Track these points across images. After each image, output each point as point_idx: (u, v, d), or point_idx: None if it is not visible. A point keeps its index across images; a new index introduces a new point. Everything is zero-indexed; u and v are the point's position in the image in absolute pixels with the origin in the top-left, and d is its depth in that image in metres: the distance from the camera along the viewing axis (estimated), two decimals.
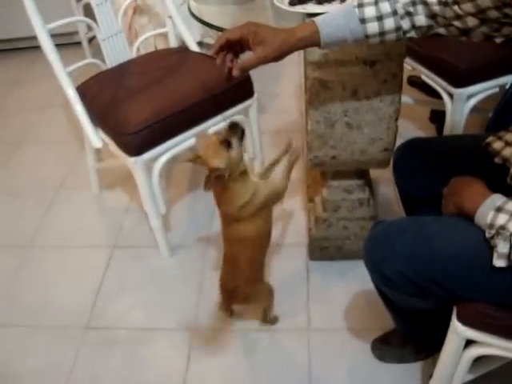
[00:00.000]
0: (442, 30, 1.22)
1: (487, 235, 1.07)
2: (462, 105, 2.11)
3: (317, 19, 1.22)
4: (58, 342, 1.88)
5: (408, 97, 2.46)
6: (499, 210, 1.05)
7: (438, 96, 2.29)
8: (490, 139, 1.38)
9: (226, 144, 1.37)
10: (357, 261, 1.94)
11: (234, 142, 1.39)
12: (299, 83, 3.13)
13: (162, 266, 2.11)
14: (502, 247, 1.04)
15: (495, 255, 1.05)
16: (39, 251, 2.26)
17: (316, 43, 1.24)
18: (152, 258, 2.15)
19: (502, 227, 1.03)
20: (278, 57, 1.25)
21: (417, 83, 2.75)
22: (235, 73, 1.27)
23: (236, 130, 1.40)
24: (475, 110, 2.17)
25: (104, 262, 2.16)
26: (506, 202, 1.06)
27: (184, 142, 1.91)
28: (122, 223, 2.34)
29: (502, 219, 1.04)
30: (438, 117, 2.59)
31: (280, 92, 3.14)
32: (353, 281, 1.93)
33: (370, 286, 1.48)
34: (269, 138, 2.61)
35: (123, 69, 2.13)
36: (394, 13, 1.19)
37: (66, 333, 1.91)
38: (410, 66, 2.25)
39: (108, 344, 1.85)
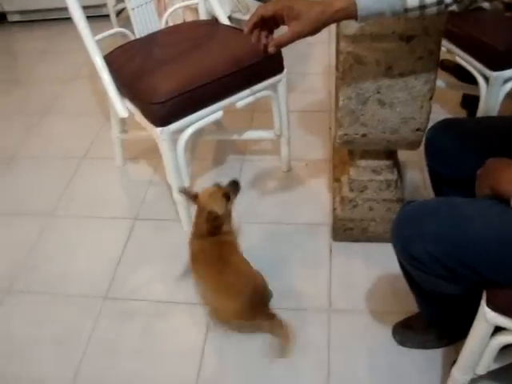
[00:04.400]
0: (485, 5, 1.18)
1: None
2: (498, 89, 2.04)
3: None
4: (77, 311, 1.88)
5: (441, 80, 2.40)
6: None
7: (470, 81, 2.24)
8: None
9: (227, 197, 1.69)
10: (381, 243, 1.92)
11: (233, 196, 1.72)
12: (328, 63, 3.08)
13: (183, 239, 2.07)
14: None
15: None
16: (61, 220, 2.26)
17: (353, 16, 1.19)
18: (173, 232, 2.13)
19: None
20: (315, 30, 1.21)
21: (449, 67, 2.69)
22: (271, 49, 1.24)
23: (237, 188, 1.74)
24: (509, 95, 2.11)
25: (125, 233, 2.15)
26: None
27: (211, 114, 1.88)
28: (145, 195, 2.32)
29: None
30: (469, 102, 2.53)
31: (309, 71, 3.09)
32: (376, 263, 1.90)
33: (394, 269, 1.45)
34: (296, 117, 2.58)
35: (152, 39, 2.09)
36: None
37: (84, 302, 1.91)
38: (445, 47, 2.18)
39: (126, 315, 1.85)
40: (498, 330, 1.23)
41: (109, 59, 1.93)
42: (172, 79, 1.79)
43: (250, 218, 2.16)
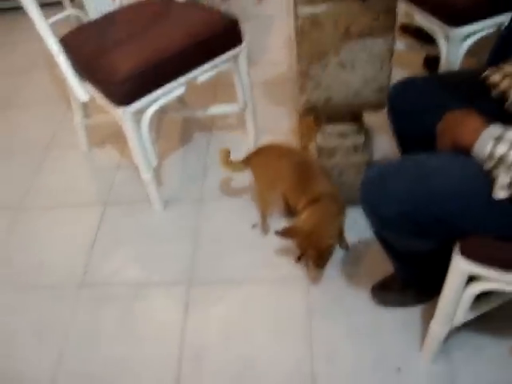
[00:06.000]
0: None
1: (487, 166, 1.03)
2: (458, 46, 2.04)
3: None
4: (53, 301, 1.85)
5: (401, 43, 2.41)
6: (499, 139, 1.01)
7: (431, 42, 2.24)
8: (488, 72, 1.33)
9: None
10: (353, 208, 1.91)
11: None
12: (289, 35, 3.05)
13: (156, 220, 2.08)
14: (502, 178, 1.00)
15: (496, 186, 1.02)
16: (30, 212, 2.22)
17: None
18: (145, 213, 2.11)
19: (503, 156, 0.99)
20: None
21: (409, 30, 2.69)
22: None
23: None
24: (470, 53, 2.11)
25: (96, 219, 2.13)
26: (506, 131, 1.02)
27: (173, 91, 1.85)
28: (113, 180, 2.30)
29: (502, 149, 1.00)
30: (431, 63, 2.54)
31: (270, 44, 3.06)
32: (349, 227, 1.89)
33: (367, 232, 1.47)
34: (259, 90, 2.56)
35: (107, 19, 2.05)
36: None
37: (60, 292, 1.88)
38: (403, 7, 2.18)
39: (104, 301, 1.83)
40: (471, 279, 1.25)
41: (64, 42, 1.88)
42: (130, 58, 1.76)
43: (219, 193, 2.16)
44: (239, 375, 1.58)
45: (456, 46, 2.05)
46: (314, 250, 1.62)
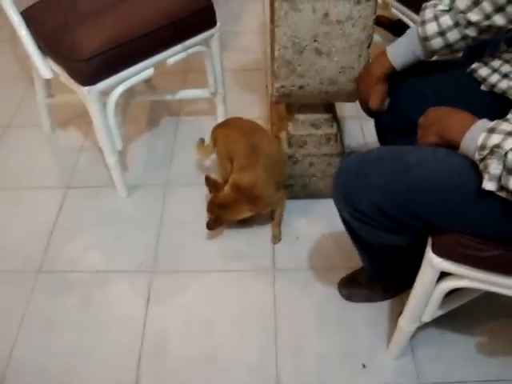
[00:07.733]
0: None
1: (477, 157, 0.99)
2: None
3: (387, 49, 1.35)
4: (8, 287, 1.77)
5: (377, 34, 2.37)
6: (492, 130, 0.98)
7: None
8: (474, 66, 1.30)
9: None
10: (322, 199, 1.91)
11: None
12: (262, 22, 3.00)
13: (119, 206, 2.01)
14: (494, 168, 0.96)
15: (486, 177, 0.97)
16: None
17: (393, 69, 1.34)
18: (109, 198, 2.04)
19: (497, 146, 0.95)
20: None
21: (385, 23, 2.67)
22: None
23: None
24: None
25: (57, 203, 2.04)
26: (499, 123, 0.99)
27: (141, 72, 1.77)
28: (77, 163, 2.21)
29: (495, 139, 0.96)
30: None
31: (243, 30, 3.00)
32: (318, 220, 1.87)
33: (336, 225, 1.43)
34: (231, 76, 2.51)
35: None
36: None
37: (17, 278, 1.80)
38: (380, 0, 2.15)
39: (63, 288, 1.76)
40: (442, 276, 1.23)
41: (28, 15, 1.78)
42: (98, 34, 1.68)
43: (185, 180, 2.10)
44: (201, 368, 1.54)
45: None
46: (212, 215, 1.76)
